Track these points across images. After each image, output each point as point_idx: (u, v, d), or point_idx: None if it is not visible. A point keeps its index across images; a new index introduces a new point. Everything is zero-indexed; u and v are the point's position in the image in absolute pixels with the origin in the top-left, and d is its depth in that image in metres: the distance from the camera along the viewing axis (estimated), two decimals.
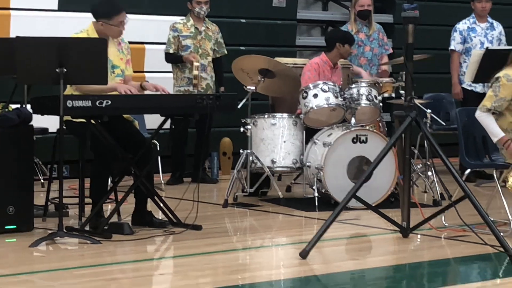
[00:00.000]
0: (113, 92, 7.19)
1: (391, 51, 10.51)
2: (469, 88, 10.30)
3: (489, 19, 10.50)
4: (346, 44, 9.19)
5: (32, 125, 7.39)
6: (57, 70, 6.77)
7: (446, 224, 7.49)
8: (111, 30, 7.40)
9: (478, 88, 10.17)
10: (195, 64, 9.74)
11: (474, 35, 10.44)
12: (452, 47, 10.51)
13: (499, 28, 10.51)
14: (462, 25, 10.50)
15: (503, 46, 10.05)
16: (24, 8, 10.19)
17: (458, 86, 10.46)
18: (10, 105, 7.55)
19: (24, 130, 7.31)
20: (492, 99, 7.14)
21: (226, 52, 10.28)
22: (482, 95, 9.56)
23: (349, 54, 9.40)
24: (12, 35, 9.55)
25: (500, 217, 7.46)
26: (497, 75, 7.19)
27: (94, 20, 7.45)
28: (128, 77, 7.60)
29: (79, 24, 7.66)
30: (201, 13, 10.08)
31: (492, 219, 6.70)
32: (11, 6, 10.15)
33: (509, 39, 10.46)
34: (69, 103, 6.76)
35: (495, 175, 7.51)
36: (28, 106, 7.55)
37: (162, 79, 10.29)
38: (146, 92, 7.51)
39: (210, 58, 10.16)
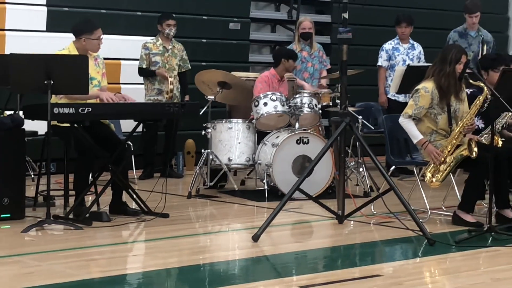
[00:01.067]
0: (93, 100, 7.14)
1: (329, 66, 10.53)
2: (393, 98, 10.35)
3: (411, 41, 10.56)
4: (290, 60, 9.19)
5: (24, 129, 7.31)
6: (45, 82, 6.70)
7: (375, 212, 7.51)
8: (91, 44, 7.34)
9: (401, 98, 10.22)
10: (170, 79, 9.70)
11: (398, 54, 10.49)
12: (379, 63, 10.55)
13: (419, 48, 10.58)
14: (388, 45, 10.55)
15: (422, 63, 10.10)
16: (17, 29, 10.07)
17: (384, 96, 10.51)
18: (5, 111, 7.46)
19: (17, 133, 7.22)
20: (413, 107, 7.17)
21: (190, 67, 10.22)
22: (404, 104, 9.74)
23: (293, 68, 9.39)
24: (7, 52, 9.44)
25: (419, 206, 7.50)
26: (416, 87, 7.22)
27: (74, 39, 7.39)
28: (103, 87, 7.55)
29: (63, 43, 7.59)
30: (170, 34, 10.02)
31: (413, 207, 6.73)
32: (6, 27, 10.03)
33: (427, 57, 10.53)
34: (56, 110, 6.70)
35: (415, 171, 7.57)
36: (21, 113, 7.46)
37: (135, 90, 10.23)
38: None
39: (176, 72, 10.10)
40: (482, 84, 6.93)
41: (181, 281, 5.54)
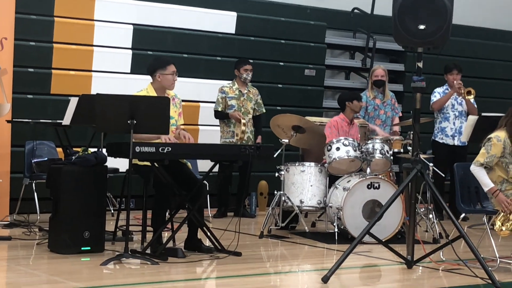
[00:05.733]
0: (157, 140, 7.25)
1: (400, 114, 10.49)
2: (441, 141, 10.41)
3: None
4: (355, 101, 9.21)
5: (106, 166, 7.43)
6: (128, 121, 6.82)
7: (444, 259, 7.40)
8: (166, 80, 7.45)
9: (448, 140, 10.29)
10: (243, 121, 9.80)
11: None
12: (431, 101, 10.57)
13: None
14: (439, 89, 10.51)
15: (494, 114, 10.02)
16: (103, 71, 10.31)
17: None
18: (89, 148, 7.60)
19: (100, 169, 7.34)
20: (485, 155, 7.09)
21: (264, 111, 10.30)
22: (452, 146, 10.05)
23: (360, 107, 9.39)
24: (93, 92, 9.66)
25: (488, 254, 7.36)
26: (489, 136, 7.15)
27: (151, 81, 7.51)
28: (178, 126, 7.66)
29: (146, 85, 7.75)
30: (247, 78, 10.13)
31: (482, 256, 6.62)
32: (93, 69, 10.27)
33: (484, 106, 10.55)
34: (137, 149, 6.80)
35: (485, 219, 7.44)
36: (104, 150, 7.59)
37: (212, 131, 10.36)
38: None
39: (250, 116, 10.20)
40: None
41: None
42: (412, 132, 7.53)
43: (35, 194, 8.91)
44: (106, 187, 7.46)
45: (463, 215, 7.88)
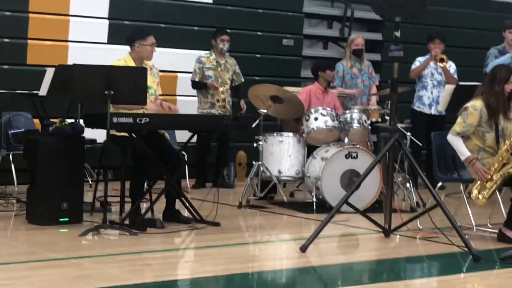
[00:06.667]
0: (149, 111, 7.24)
1: (377, 83, 10.51)
2: (418, 109, 10.46)
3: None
4: (327, 70, 9.23)
5: (83, 137, 7.41)
6: (105, 92, 6.79)
7: (421, 227, 7.46)
8: (145, 51, 7.41)
9: (426, 109, 10.35)
10: (220, 89, 9.77)
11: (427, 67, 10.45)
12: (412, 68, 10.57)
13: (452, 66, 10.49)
14: (421, 58, 10.51)
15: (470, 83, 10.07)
16: (80, 41, 10.23)
17: None
18: (66, 119, 7.56)
19: (77, 141, 7.33)
20: (461, 125, 7.12)
21: (243, 81, 10.28)
22: (429, 116, 10.12)
23: (333, 76, 9.39)
24: (70, 62, 9.59)
25: (465, 222, 7.43)
26: (465, 105, 7.17)
27: (130, 51, 7.47)
28: (157, 96, 7.64)
29: (123, 55, 7.69)
30: (224, 48, 10.09)
31: (458, 224, 6.67)
32: (69, 39, 10.19)
33: (464, 75, 10.54)
34: (115, 120, 6.77)
35: (461, 188, 7.50)
36: (81, 121, 7.56)
37: (190, 102, 10.32)
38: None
39: (227, 86, 10.18)
40: None
41: None
42: (390, 101, 7.55)
43: (12, 165, 8.88)
44: (83, 158, 7.45)
45: (440, 183, 7.95)
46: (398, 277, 6.04)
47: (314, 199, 8.46)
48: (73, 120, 7.91)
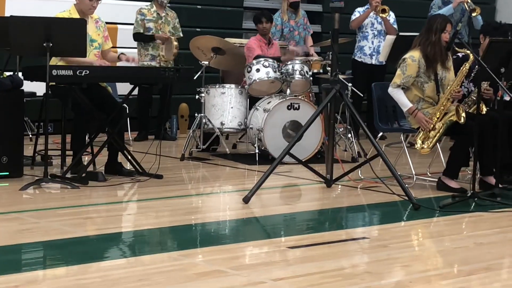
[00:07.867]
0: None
1: (311, 32, 10.46)
2: (359, 60, 10.49)
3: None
4: (259, 24, 9.25)
5: (23, 90, 7.30)
6: (44, 44, 6.68)
7: (362, 177, 7.55)
8: (84, 4, 7.30)
9: (367, 59, 10.41)
10: (172, 38, 9.65)
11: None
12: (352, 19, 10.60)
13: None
14: (360, 9, 10.53)
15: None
16: None
17: None
18: (5, 72, 7.43)
19: (16, 94, 7.21)
20: (401, 77, 7.17)
21: (181, 35, 10.16)
22: (370, 65, 10.27)
23: (269, 28, 9.37)
24: (7, 14, 9.38)
25: (405, 172, 7.54)
26: (403, 57, 7.22)
27: (75, 2, 7.36)
28: (108, 50, 7.55)
29: (63, 7, 7.55)
30: (164, 1, 9.97)
31: (399, 173, 6.77)
32: None
33: (407, 26, 10.58)
34: (54, 72, 6.68)
35: (402, 138, 7.59)
36: (20, 74, 7.44)
37: (131, 54, 10.13)
38: (120, 63, 7.49)
39: None
40: (468, 52, 6.95)
41: (173, 240, 5.56)
42: (331, 52, 7.57)
43: None
44: (23, 112, 7.36)
45: (380, 134, 8.04)
46: (340, 226, 6.12)
47: (257, 151, 8.49)
48: (11, 73, 7.78)
